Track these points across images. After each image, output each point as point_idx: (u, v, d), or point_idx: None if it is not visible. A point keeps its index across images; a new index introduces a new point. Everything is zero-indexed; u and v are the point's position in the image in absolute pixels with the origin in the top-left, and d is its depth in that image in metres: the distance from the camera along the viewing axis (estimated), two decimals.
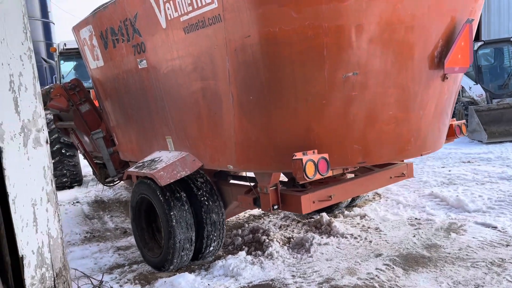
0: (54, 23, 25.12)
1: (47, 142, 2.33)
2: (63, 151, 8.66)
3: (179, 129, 4.25)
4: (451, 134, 4.15)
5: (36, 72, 2.31)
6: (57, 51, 9.17)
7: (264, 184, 3.66)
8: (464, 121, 4.27)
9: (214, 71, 3.56)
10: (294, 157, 3.05)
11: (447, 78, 3.42)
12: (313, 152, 3.16)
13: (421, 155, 3.59)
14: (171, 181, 4.01)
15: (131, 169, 4.52)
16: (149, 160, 4.48)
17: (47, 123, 8.26)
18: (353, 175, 4.63)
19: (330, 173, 3.19)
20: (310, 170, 3.00)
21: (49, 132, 8.42)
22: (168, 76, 4.11)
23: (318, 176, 3.06)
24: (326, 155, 3.14)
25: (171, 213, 3.98)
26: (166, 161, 4.22)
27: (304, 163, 2.97)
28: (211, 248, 4.24)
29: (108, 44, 4.88)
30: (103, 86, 5.41)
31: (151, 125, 4.65)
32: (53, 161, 8.50)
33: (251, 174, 4.33)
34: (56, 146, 8.60)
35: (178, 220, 3.99)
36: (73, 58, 9.56)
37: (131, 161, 5.57)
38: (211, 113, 3.77)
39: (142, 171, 4.24)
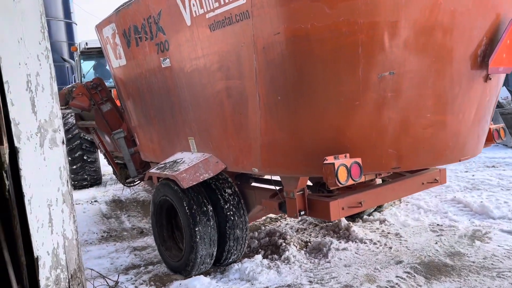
0: (76, 24, 25.49)
1: (63, 142, 2.31)
2: (84, 158, 8.72)
3: (202, 130, 4.12)
4: (489, 139, 3.91)
5: (53, 72, 2.29)
6: (78, 50, 9.19)
7: (291, 189, 3.49)
8: (503, 124, 4.01)
9: (240, 70, 3.42)
10: (325, 161, 2.88)
11: (490, 79, 3.19)
12: (345, 156, 2.99)
13: (460, 161, 3.37)
14: (194, 183, 3.88)
15: (153, 170, 4.41)
16: (171, 162, 4.37)
17: (68, 129, 8.32)
18: (380, 181, 4.44)
19: (362, 179, 3.01)
20: (342, 175, 2.82)
21: (71, 138, 8.50)
22: (192, 75, 3.99)
23: (350, 182, 2.89)
24: (359, 160, 2.96)
25: (196, 229, 3.85)
26: (189, 163, 4.10)
27: (336, 167, 2.80)
28: (230, 260, 4.18)
29: (131, 43, 4.79)
30: (125, 85, 5.34)
31: (174, 125, 4.54)
32: (74, 166, 8.59)
33: (276, 178, 4.17)
34: (78, 153, 8.64)
35: (202, 237, 3.89)
36: (94, 57, 9.58)
37: (152, 161, 5.48)
38: (236, 114, 3.63)
39: (164, 173, 4.13)
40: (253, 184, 4.91)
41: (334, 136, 3.06)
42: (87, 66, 9.63)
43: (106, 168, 9.65)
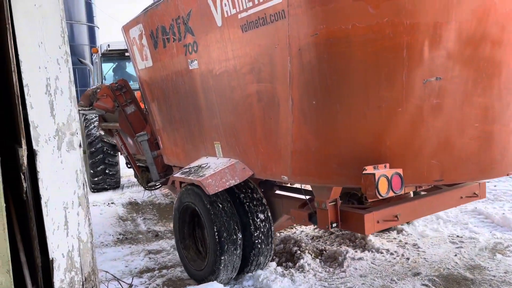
0: (98, 27, 25.91)
1: (80, 146, 2.35)
2: (106, 171, 8.67)
3: (229, 134, 3.98)
4: None
5: (72, 76, 2.33)
6: (99, 52, 9.19)
7: (323, 199, 3.31)
8: None
9: (272, 73, 3.26)
10: (364, 171, 2.69)
11: None
12: (385, 166, 2.79)
13: (508, 175, 3.13)
14: (219, 190, 3.73)
15: (177, 174, 4.28)
16: (196, 166, 4.23)
17: (93, 141, 8.26)
18: (411, 193, 4.21)
19: (402, 191, 2.81)
20: (383, 186, 2.63)
21: (94, 151, 8.41)
22: (221, 78, 3.86)
23: (391, 194, 2.69)
24: (400, 170, 2.76)
25: (222, 258, 3.72)
26: (214, 168, 3.95)
27: (377, 178, 2.60)
28: (250, 273, 4.05)
29: (158, 44, 4.70)
30: (150, 87, 5.25)
31: (199, 129, 4.41)
32: (96, 179, 8.53)
33: (305, 186, 3.99)
34: (101, 167, 8.60)
35: (226, 265, 3.77)
36: (114, 59, 9.59)
37: (175, 165, 5.36)
38: (266, 119, 3.47)
39: (188, 178, 3.99)
40: (277, 192, 4.73)
41: (373, 144, 2.87)
42: (107, 69, 9.64)
43: (123, 171, 9.63)
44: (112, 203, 8.00)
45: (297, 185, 4.45)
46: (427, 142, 2.82)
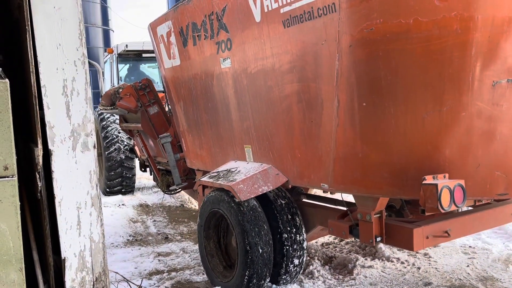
0: (113, 31, 26.07)
1: (94, 147, 2.37)
2: (123, 174, 8.47)
3: (262, 138, 3.73)
4: None
5: (88, 78, 2.36)
6: (116, 53, 9.04)
7: (367, 210, 3.03)
8: None
9: (317, 71, 3.02)
10: (424, 181, 2.41)
11: None
12: (444, 177, 2.51)
13: None
14: (252, 196, 3.48)
15: (205, 178, 4.04)
16: (225, 170, 3.99)
17: (110, 143, 8.05)
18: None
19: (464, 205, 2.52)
20: (445, 199, 2.35)
21: (111, 153, 8.20)
22: (256, 77, 3.63)
23: (453, 207, 2.41)
24: (462, 182, 2.48)
25: (252, 268, 3.49)
26: (245, 173, 3.71)
27: (439, 190, 2.33)
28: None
29: (187, 41, 4.50)
30: (176, 87, 5.04)
31: (229, 131, 4.18)
32: (111, 182, 8.29)
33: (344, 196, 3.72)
34: (118, 169, 8.38)
35: (256, 275, 3.53)
36: (130, 60, 9.45)
37: (198, 169, 5.13)
38: (306, 121, 3.22)
39: (218, 182, 3.75)
40: (307, 200, 4.46)
41: (430, 152, 2.60)
42: (123, 69, 9.51)
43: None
44: (123, 204, 7.99)
45: (327, 195, 4.24)
46: (493, 151, 2.54)
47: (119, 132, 8.12)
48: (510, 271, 4.00)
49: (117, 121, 7.85)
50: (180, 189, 5.94)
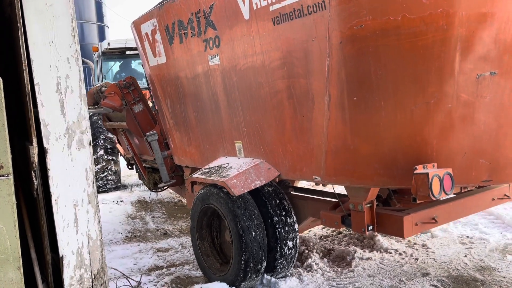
0: (108, 27, 25.54)
1: (90, 144, 2.34)
2: (107, 169, 8.39)
3: (253, 133, 3.80)
4: None
5: (82, 75, 2.34)
6: (100, 51, 8.93)
7: (359, 201, 3.15)
8: None
9: (307, 68, 3.10)
10: (416, 171, 2.53)
11: None
12: (433, 166, 2.64)
13: None
14: (245, 191, 3.55)
15: (197, 175, 4.08)
16: (216, 166, 4.04)
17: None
18: None
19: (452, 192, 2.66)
20: (436, 187, 2.48)
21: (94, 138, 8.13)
22: (245, 74, 3.68)
23: (442, 195, 2.54)
24: (450, 170, 2.61)
25: (247, 259, 3.57)
26: (238, 168, 3.77)
27: (430, 178, 2.45)
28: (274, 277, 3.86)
29: (173, 39, 4.50)
30: (163, 85, 5.03)
31: (218, 128, 4.22)
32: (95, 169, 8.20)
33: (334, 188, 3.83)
34: (101, 165, 8.30)
35: (251, 267, 3.61)
36: (115, 58, 9.34)
37: (186, 166, 5.16)
38: (297, 116, 3.30)
39: (210, 178, 3.80)
40: (292, 193, 4.56)
41: (419, 142, 2.72)
42: (108, 67, 9.40)
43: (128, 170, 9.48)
44: (121, 201, 7.97)
45: (313, 187, 4.33)
46: (478, 140, 2.69)
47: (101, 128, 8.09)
48: (508, 260, 4.02)
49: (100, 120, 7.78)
50: (167, 187, 5.95)
